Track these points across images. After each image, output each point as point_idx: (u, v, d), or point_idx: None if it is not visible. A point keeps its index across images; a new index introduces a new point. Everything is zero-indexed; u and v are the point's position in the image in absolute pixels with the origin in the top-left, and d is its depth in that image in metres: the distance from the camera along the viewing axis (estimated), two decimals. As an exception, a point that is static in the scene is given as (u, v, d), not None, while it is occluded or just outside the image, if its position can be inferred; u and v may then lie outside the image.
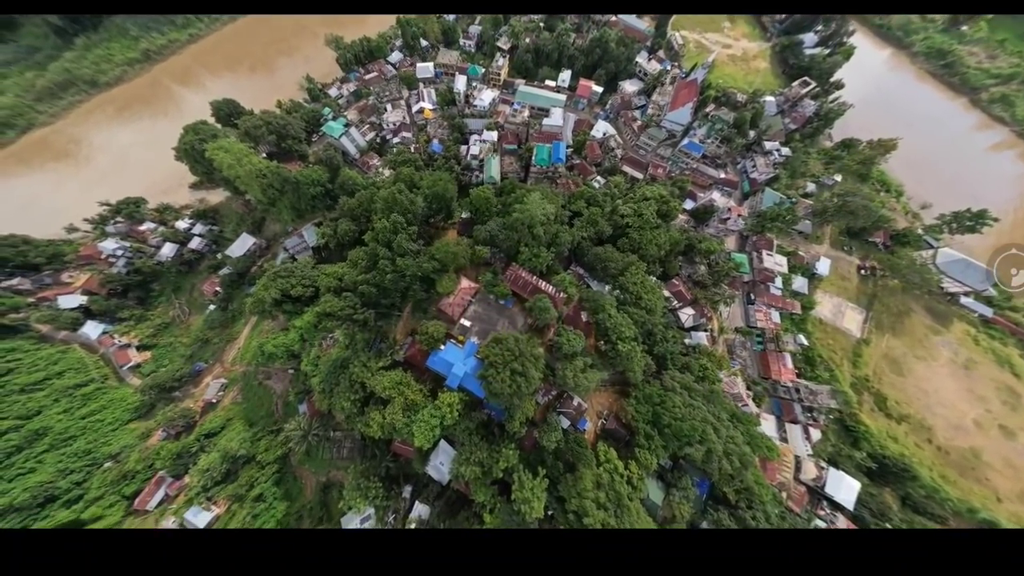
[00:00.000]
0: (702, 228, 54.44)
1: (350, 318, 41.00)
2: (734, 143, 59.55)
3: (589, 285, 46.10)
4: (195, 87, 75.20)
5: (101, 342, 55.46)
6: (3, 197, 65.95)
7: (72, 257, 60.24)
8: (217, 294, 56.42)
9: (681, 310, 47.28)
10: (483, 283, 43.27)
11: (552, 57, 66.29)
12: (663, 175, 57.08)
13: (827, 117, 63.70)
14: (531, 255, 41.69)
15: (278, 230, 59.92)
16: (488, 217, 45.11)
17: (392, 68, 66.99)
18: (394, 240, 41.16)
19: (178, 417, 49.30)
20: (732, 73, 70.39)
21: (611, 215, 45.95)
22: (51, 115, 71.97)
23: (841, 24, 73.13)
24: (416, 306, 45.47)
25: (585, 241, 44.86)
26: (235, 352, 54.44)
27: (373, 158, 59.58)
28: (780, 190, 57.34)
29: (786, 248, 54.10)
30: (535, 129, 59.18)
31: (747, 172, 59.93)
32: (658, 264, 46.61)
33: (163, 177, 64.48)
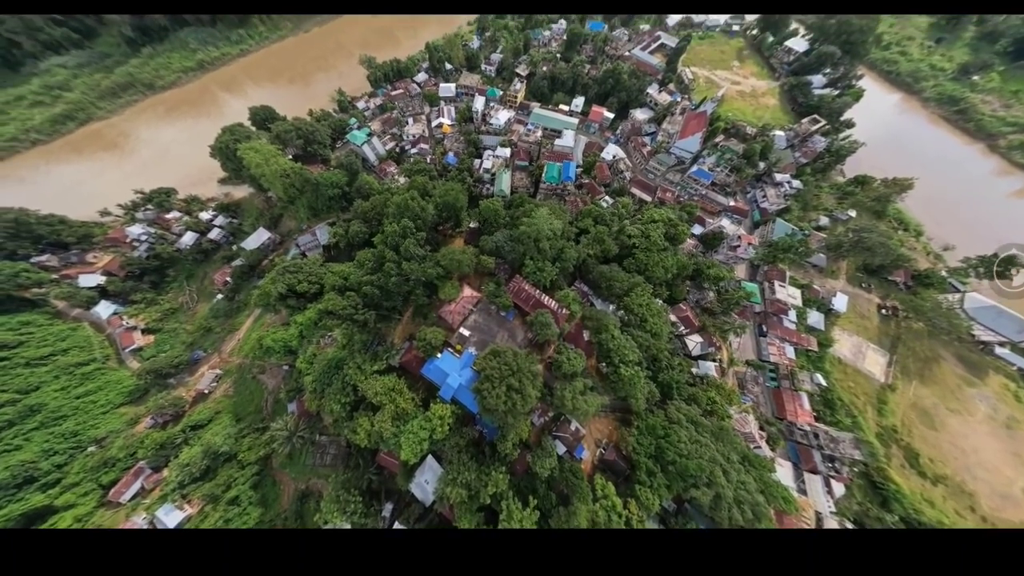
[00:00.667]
0: (711, 254, 53.68)
1: (351, 318, 40.88)
2: (743, 173, 59.91)
3: (593, 304, 45.32)
4: (238, 94, 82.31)
5: (110, 322, 56.74)
6: (52, 180, 71.69)
7: (100, 239, 63.45)
8: (226, 284, 57.74)
9: (688, 337, 45.57)
10: (486, 293, 42.93)
11: (567, 84, 69.97)
12: (671, 199, 57.57)
13: (838, 153, 64.01)
14: (536, 268, 41.52)
15: (293, 227, 62.08)
16: (496, 228, 45.73)
17: (417, 86, 71.95)
18: (402, 244, 41.76)
19: (168, 405, 48.82)
20: (741, 107, 72.24)
21: (618, 235, 46.03)
22: (108, 111, 79.72)
23: (849, 68, 75.20)
24: (417, 311, 45.18)
25: (591, 259, 44.69)
26: (235, 343, 54.67)
27: (391, 166, 62.37)
28: (792, 221, 56.83)
29: (799, 280, 52.59)
30: (547, 148, 61.35)
31: (757, 202, 59.84)
32: (664, 287, 45.75)
33: (196, 171, 68.74)
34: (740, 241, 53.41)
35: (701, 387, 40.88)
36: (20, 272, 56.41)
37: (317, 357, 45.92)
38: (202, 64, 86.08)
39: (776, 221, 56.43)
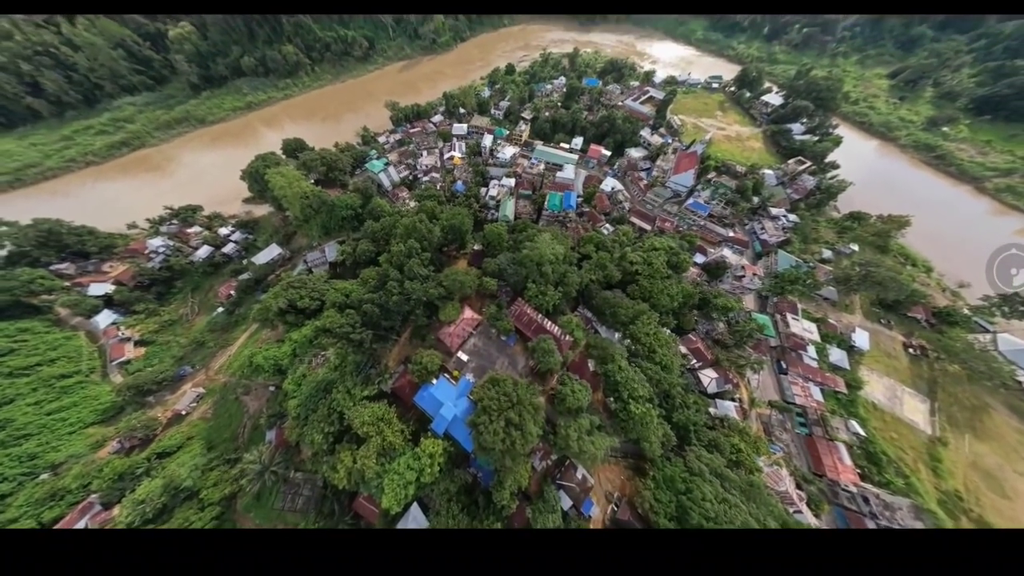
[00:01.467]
0: (716, 283, 52.98)
1: (347, 336, 39.51)
2: (739, 206, 62.21)
3: (597, 331, 43.59)
4: (276, 128, 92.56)
5: (106, 332, 55.86)
6: (94, 195, 77.98)
7: (121, 249, 65.99)
8: (229, 297, 57.82)
9: (702, 371, 42.40)
10: (487, 315, 41.79)
11: (567, 126, 77.88)
12: (671, 228, 59.10)
13: (829, 191, 66.87)
14: (538, 292, 40.90)
15: (304, 244, 64.18)
16: (499, 251, 46.39)
17: (433, 126, 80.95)
18: (407, 263, 42.15)
19: (140, 427, 45.09)
20: (729, 149, 77.71)
21: (620, 261, 46.16)
22: (161, 140, 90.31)
23: (824, 118, 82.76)
24: (415, 332, 43.72)
25: (593, 284, 44.21)
26: (225, 360, 52.60)
27: (403, 191, 66.59)
28: (794, 253, 57.21)
29: (812, 314, 50.83)
30: (549, 180, 65.39)
31: (757, 233, 60.94)
32: (671, 316, 44.20)
33: (224, 192, 74.24)
34: (744, 271, 52.91)
35: (722, 430, 36.60)
36: (36, 279, 57.67)
37: (306, 378, 43.46)
38: (250, 105, 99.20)
39: (778, 253, 56.59)
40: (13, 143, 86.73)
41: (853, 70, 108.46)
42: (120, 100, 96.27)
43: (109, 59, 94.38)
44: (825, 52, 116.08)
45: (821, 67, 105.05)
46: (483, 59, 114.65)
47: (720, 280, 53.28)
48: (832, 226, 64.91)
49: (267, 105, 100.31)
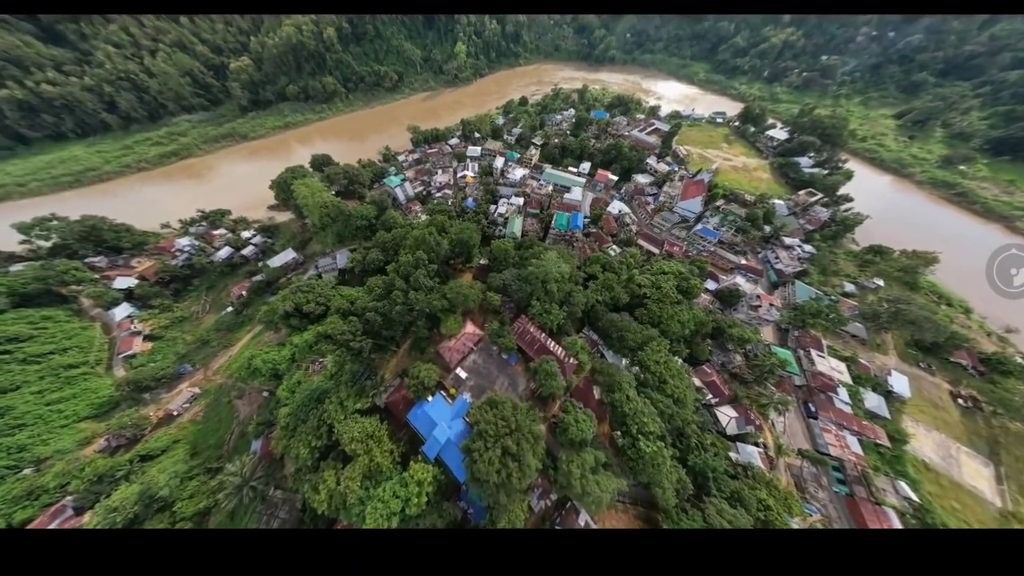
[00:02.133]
0: (730, 312, 50.38)
1: (347, 344, 38.94)
2: (750, 234, 61.22)
3: (603, 355, 41.36)
4: (308, 145, 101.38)
5: (120, 325, 57.41)
6: (139, 197, 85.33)
7: (151, 247, 70.16)
8: (240, 297, 59.21)
9: (719, 408, 38.67)
10: (489, 331, 40.62)
11: (575, 152, 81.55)
12: (679, 253, 57.95)
13: (844, 223, 65.10)
14: (542, 310, 39.88)
15: (318, 250, 66.53)
16: (505, 266, 46.26)
17: (449, 147, 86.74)
18: (413, 274, 42.42)
19: (130, 426, 44.24)
20: (736, 179, 78.13)
21: (627, 283, 44.97)
22: (206, 152, 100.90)
23: (832, 153, 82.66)
24: (415, 344, 42.73)
25: (600, 305, 42.85)
26: (225, 360, 52.57)
27: (416, 205, 69.72)
28: (813, 284, 54.54)
29: (840, 351, 46.86)
30: (557, 200, 66.90)
31: (771, 262, 59.06)
32: (683, 344, 41.72)
33: (252, 199, 79.68)
34: (760, 301, 50.31)
35: (746, 481, 32.20)
36: (70, 270, 61.35)
37: (301, 385, 42.35)
38: (288, 124, 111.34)
39: (795, 283, 54.06)
40: (81, 149, 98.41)
41: (857, 110, 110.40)
42: (179, 117, 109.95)
43: (177, 84, 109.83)
44: (827, 93, 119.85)
45: (824, 106, 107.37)
46: (499, 92, 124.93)
47: (734, 308, 50.74)
48: (852, 259, 62.45)
49: (303, 125, 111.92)
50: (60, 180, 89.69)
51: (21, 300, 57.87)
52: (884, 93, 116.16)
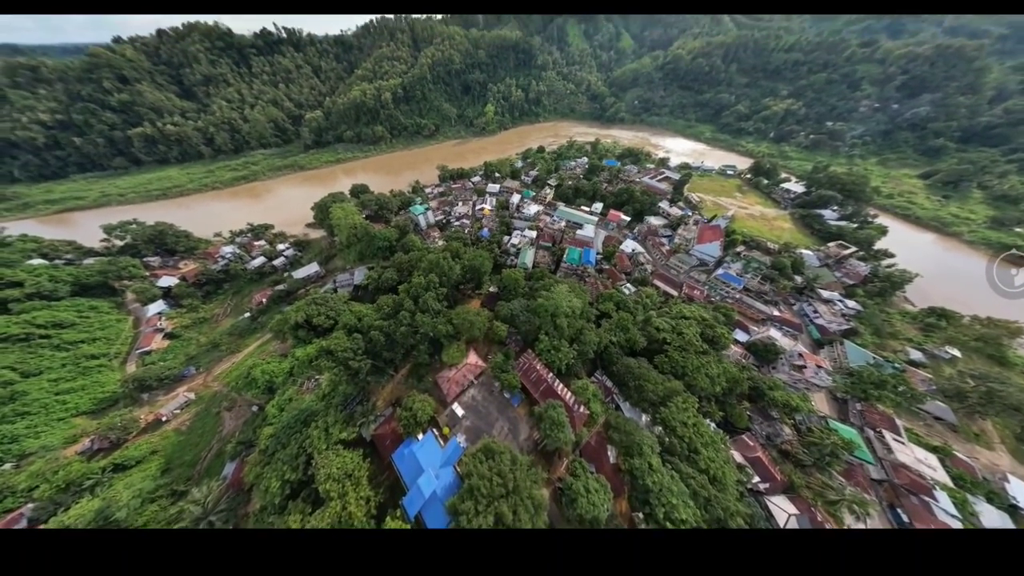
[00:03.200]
0: (769, 370, 43.73)
1: (346, 362, 37.69)
2: (780, 284, 56.83)
3: (619, 407, 36.30)
4: (351, 176, 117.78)
5: (149, 320, 60.90)
6: (204, 210, 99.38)
7: (200, 252, 78.30)
8: (259, 305, 61.94)
9: (770, 497, 30.05)
10: (492, 365, 38.00)
11: (588, 193, 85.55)
12: (701, 297, 54.44)
13: (891, 280, 59.05)
14: (550, 346, 37.10)
15: (339, 266, 70.60)
16: (514, 296, 45.46)
17: (471, 184, 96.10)
18: (423, 296, 42.59)
19: (118, 427, 43.11)
20: (755, 226, 75.98)
21: (644, 325, 41.80)
22: (268, 177, 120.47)
23: (858, 208, 78.87)
24: (414, 370, 40.64)
25: (614, 347, 39.28)
26: (228, 366, 52.62)
27: (435, 231, 74.38)
28: (866, 347, 47.11)
29: (924, 438, 37.28)
30: (569, 236, 68.14)
31: (809, 316, 53.16)
32: (715, 405, 35.78)
33: (294, 217, 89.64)
34: (805, 361, 43.10)
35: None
36: (128, 266, 68.74)
37: (291, 403, 40.46)
38: (339, 160, 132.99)
39: (844, 344, 46.99)
40: (176, 171, 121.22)
41: (875, 169, 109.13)
42: (256, 151, 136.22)
43: (263, 128, 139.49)
44: (839, 154, 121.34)
45: (838, 164, 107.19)
46: (519, 142, 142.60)
47: (773, 367, 44.09)
48: (911, 321, 54.52)
49: (350, 161, 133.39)
50: (151, 193, 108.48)
51: (80, 289, 64.38)
52: (902, 155, 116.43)
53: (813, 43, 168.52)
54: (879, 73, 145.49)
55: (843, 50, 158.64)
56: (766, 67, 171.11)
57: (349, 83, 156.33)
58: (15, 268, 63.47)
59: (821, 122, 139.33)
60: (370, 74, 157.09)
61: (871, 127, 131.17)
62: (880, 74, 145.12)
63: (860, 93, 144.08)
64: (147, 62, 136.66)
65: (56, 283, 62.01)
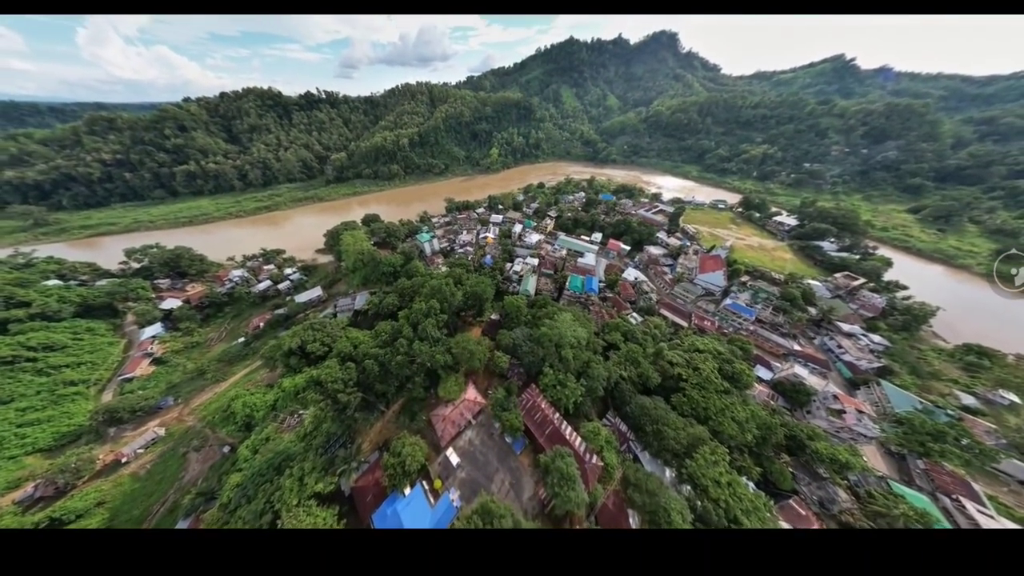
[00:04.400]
0: (804, 415, 38.50)
1: (335, 395, 34.72)
2: (794, 315, 53.88)
3: (636, 457, 31.52)
4: (364, 207, 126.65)
5: (140, 344, 58.98)
6: (224, 235, 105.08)
7: (210, 275, 79.88)
8: (256, 329, 60.46)
9: None
10: (492, 401, 34.58)
11: (587, 224, 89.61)
12: (712, 328, 51.71)
13: (912, 313, 55.42)
14: (556, 381, 34.17)
15: (342, 291, 70.80)
16: (516, 324, 43.91)
17: (476, 215, 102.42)
18: (423, 322, 41.23)
19: (70, 471, 38.06)
20: (756, 257, 75.83)
21: (656, 358, 38.78)
22: (288, 207, 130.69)
23: (856, 240, 79.22)
24: (406, 407, 37.15)
25: (625, 383, 35.86)
26: (209, 397, 48.97)
27: (439, 258, 76.14)
28: (908, 389, 41.90)
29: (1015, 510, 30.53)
30: (571, 263, 68.83)
31: (834, 352, 49.06)
32: (748, 457, 30.60)
33: (307, 243, 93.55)
34: (842, 404, 37.81)
35: None
36: (137, 288, 69.42)
37: (268, 443, 36.26)
38: (355, 193, 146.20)
39: (882, 385, 42.00)
40: (207, 201, 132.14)
41: (861, 204, 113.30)
42: (283, 185, 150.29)
43: (292, 166, 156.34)
44: (822, 190, 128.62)
45: (824, 200, 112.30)
46: (521, 179, 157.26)
47: (807, 410, 38.89)
48: (948, 359, 49.50)
49: (365, 194, 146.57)
50: (179, 220, 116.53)
51: (85, 310, 63.99)
52: (884, 192, 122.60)
53: (776, 102, 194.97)
54: (841, 124, 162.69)
55: (804, 107, 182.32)
56: (738, 119, 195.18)
57: (372, 131, 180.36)
58: (28, 288, 64.49)
59: (799, 163, 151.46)
60: (391, 125, 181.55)
61: (847, 168, 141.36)
62: (842, 125, 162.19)
63: (828, 140, 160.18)
64: (206, 115, 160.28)
65: (63, 303, 62.14)
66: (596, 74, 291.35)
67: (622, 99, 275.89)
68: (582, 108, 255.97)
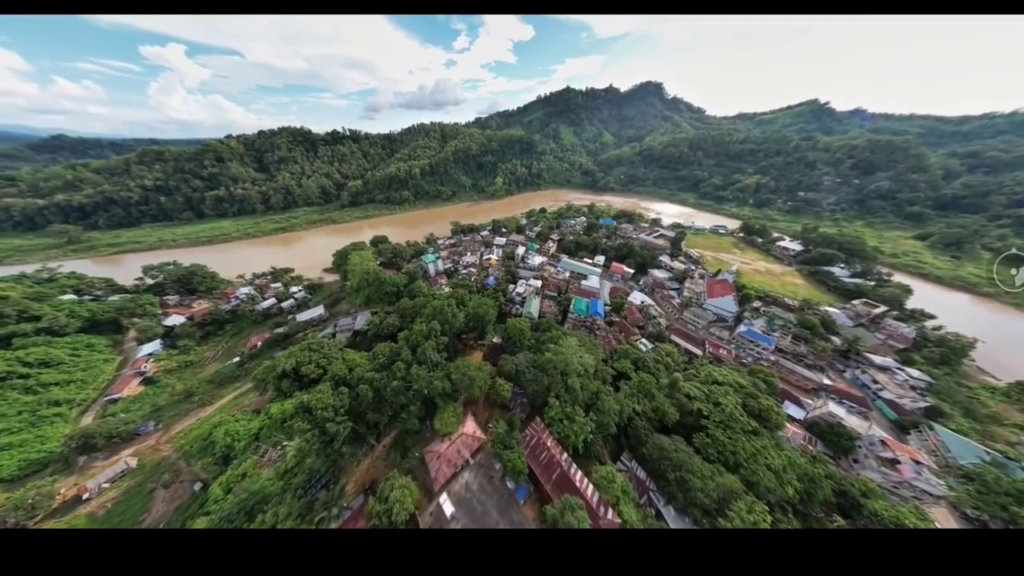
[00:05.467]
0: (849, 464, 32.66)
1: (323, 424, 32.10)
2: (817, 345, 49.62)
3: (659, 512, 27.07)
4: (374, 228, 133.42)
5: (135, 363, 57.64)
6: (237, 254, 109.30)
7: (218, 292, 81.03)
8: (253, 349, 59.10)
9: None
10: (494, 436, 31.45)
11: (589, 247, 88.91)
12: (729, 357, 47.47)
13: (948, 346, 50.48)
14: (563, 414, 31.19)
15: (343, 310, 70.46)
16: (519, 348, 41.91)
17: (480, 237, 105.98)
18: (422, 345, 39.71)
19: (24, 507, 34.32)
20: (766, 282, 72.94)
21: (671, 390, 35.57)
22: (302, 229, 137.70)
23: (866, 265, 75.70)
24: (398, 441, 34.06)
25: (640, 419, 32.27)
26: (192, 423, 46.01)
27: (442, 278, 76.62)
28: (967, 435, 35.97)
29: None
30: (575, 286, 68.01)
31: (870, 388, 43.69)
32: (793, 517, 26.06)
33: (316, 262, 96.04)
34: (893, 452, 31.83)
35: None
36: (145, 304, 70.07)
37: (243, 481, 32.81)
38: (367, 216, 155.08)
39: (936, 429, 36.07)
40: (228, 223, 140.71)
41: (865, 231, 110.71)
42: (301, 208, 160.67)
43: (311, 192, 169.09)
44: (821, 217, 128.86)
45: (826, 226, 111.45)
46: (523, 205, 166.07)
47: (853, 459, 33.20)
48: (1003, 398, 43.89)
49: (376, 217, 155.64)
50: (199, 239, 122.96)
51: (91, 325, 63.91)
52: (885, 220, 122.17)
53: (761, 138, 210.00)
54: (828, 157, 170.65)
55: (788, 142, 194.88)
56: (727, 153, 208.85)
57: (388, 163, 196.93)
58: (44, 302, 65.61)
59: (793, 192, 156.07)
60: (406, 157, 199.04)
61: (842, 196, 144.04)
62: (829, 158, 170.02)
63: (818, 171, 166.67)
64: (242, 148, 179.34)
65: (71, 318, 62.52)
66: (591, 115, 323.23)
67: (616, 136, 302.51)
68: (580, 144, 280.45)
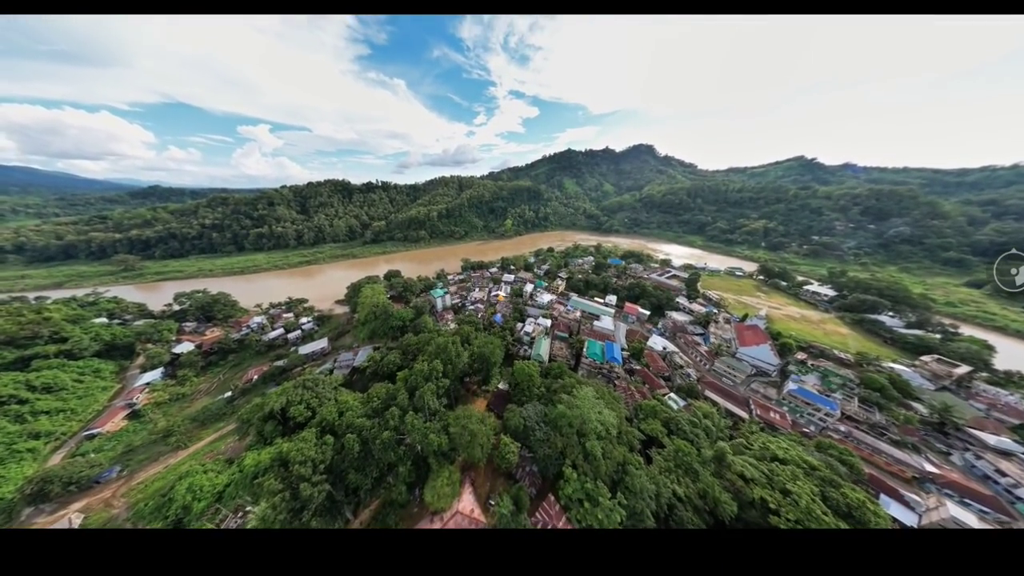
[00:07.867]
0: None
1: (298, 484, 27.60)
2: (895, 413, 38.96)
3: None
4: (389, 263, 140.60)
5: (128, 393, 56.05)
6: (262, 284, 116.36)
7: (233, 320, 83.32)
8: (248, 383, 56.90)
9: None
10: (495, 519, 25.35)
11: (599, 286, 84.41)
12: (784, 424, 37.52)
13: None
14: (583, 492, 24.95)
15: (346, 344, 69.37)
16: (527, 398, 37.53)
17: (489, 274, 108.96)
18: (421, 387, 36.68)
19: None
20: (804, 330, 62.98)
21: (718, 466, 28.11)
22: (325, 262, 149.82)
23: (921, 315, 63.32)
24: (379, 515, 28.34)
25: (684, 509, 24.75)
26: (159, 470, 41.22)
27: (449, 314, 76.07)
28: None
29: None
30: (587, 326, 61.61)
31: (992, 479, 32.59)
32: None
33: (330, 294, 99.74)
34: None
35: None
36: (164, 330, 72.11)
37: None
38: (385, 252, 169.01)
39: None
40: (262, 256, 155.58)
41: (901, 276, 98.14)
42: (328, 244, 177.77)
43: (340, 230, 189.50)
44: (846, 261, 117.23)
45: (853, 270, 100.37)
46: (532, 244, 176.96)
47: None
48: None
49: (393, 253, 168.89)
50: (232, 270, 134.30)
51: (106, 349, 64.95)
52: (923, 265, 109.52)
53: (757, 188, 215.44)
54: (832, 204, 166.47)
55: (786, 191, 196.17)
56: (727, 200, 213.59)
57: (410, 207, 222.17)
58: (78, 325, 68.75)
59: (806, 236, 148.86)
60: (426, 203, 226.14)
61: (861, 241, 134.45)
62: (833, 205, 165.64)
63: (826, 217, 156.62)
64: (291, 195, 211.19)
65: (94, 341, 64.10)
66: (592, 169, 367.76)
67: (616, 186, 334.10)
68: (583, 192, 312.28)
